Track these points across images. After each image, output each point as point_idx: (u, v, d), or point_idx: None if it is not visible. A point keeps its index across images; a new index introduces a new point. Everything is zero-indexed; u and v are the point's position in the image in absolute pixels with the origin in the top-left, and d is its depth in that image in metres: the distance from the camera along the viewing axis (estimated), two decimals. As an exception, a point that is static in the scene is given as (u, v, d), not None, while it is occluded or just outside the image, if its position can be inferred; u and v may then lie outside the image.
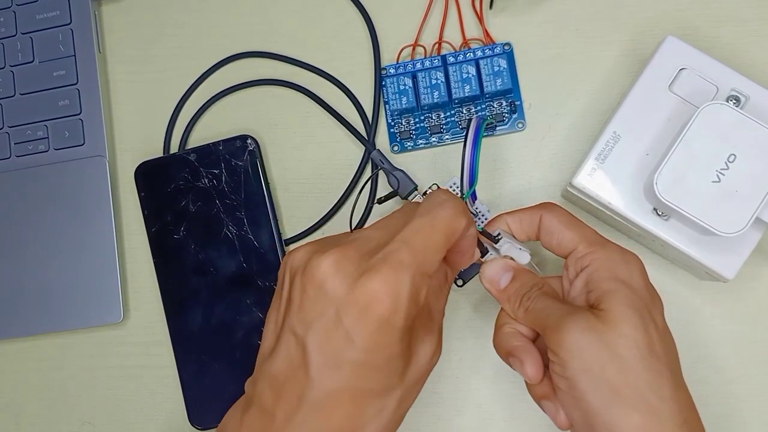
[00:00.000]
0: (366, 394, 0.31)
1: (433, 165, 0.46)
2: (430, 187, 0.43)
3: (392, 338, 0.31)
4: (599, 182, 0.39)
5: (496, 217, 0.40)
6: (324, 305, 0.31)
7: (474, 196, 0.40)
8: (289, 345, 0.32)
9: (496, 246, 0.38)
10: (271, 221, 0.46)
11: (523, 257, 0.38)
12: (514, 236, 0.39)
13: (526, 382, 0.37)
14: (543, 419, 0.44)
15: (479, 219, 0.44)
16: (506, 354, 0.37)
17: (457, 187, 0.44)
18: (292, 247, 0.47)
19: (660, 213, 0.39)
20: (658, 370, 0.33)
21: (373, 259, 0.31)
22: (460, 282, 0.44)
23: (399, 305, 0.30)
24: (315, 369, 0.31)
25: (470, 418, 0.44)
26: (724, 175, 0.36)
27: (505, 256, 0.38)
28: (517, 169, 0.46)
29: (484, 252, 0.39)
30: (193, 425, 0.46)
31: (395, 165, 0.45)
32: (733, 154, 0.36)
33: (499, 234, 0.39)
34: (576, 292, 0.36)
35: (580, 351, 0.32)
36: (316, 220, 0.47)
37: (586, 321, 0.33)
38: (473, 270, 0.43)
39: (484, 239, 0.39)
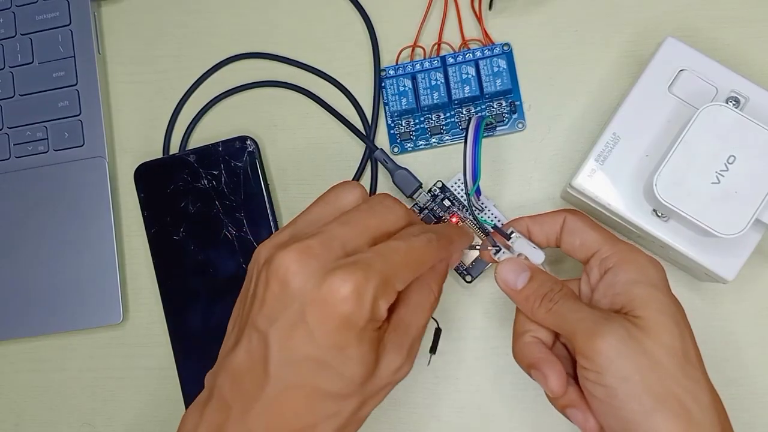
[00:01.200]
0: (321, 394, 0.31)
1: (433, 166, 0.46)
2: (435, 185, 0.43)
3: (351, 339, 0.31)
4: (599, 183, 0.39)
5: (516, 219, 0.39)
6: (287, 301, 0.31)
7: (479, 192, 0.40)
8: (251, 339, 0.32)
9: (509, 243, 0.38)
10: (271, 222, 0.46)
11: (537, 256, 0.38)
12: (530, 238, 0.39)
13: (548, 395, 0.37)
14: (543, 420, 0.44)
15: (485, 213, 0.43)
16: (528, 366, 0.36)
17: (462, 183, 0.44)
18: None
19: (659, 214, 0.39)
20: (696, 378, 0.33)
21: (343, 260, 0.31)
22: (468, 278, 0.44)
23: (362, 306, 0.30)
24: (274, 365, 0.31)
25: (470, 419, 0.44)
26: (723, 176, 0.36)
27: (519, 255, 0.38)
28: (516, 170, 0.46)
29: (496, 249, 0.38)
30: (192, 426, 0.46)
31: (398, 164, 0.45)
32: (733, 156, 0.36)
33: (512, 232, 0.38)
34: (600, 294, 0.36)
35: (620, 359, 0.32)
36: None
37: (624, 328, 0.33)
38: (482, 266, 0.43)
39: (497, 237, 0.39)
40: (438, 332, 0.42)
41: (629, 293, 0.34)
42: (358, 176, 0.47)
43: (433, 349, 0.43)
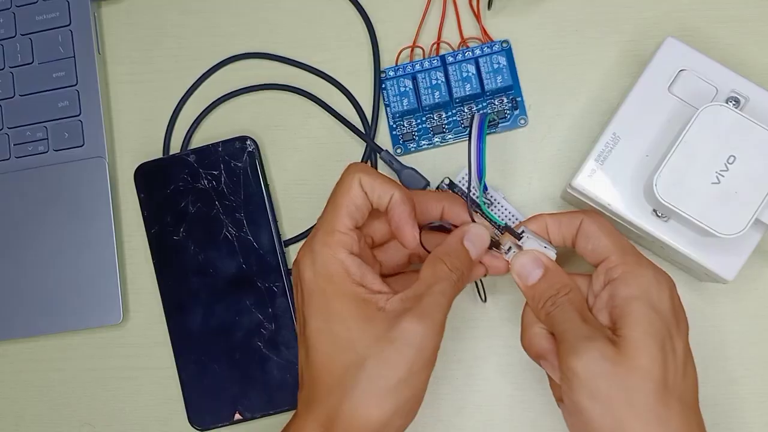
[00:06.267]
0: (331, 333, 0.35)
1: (435, 165, 0.46)
2: (442, 181, 0.43)
3: (339, 283, 0.35)
4: (599, 183, 0.39)
5: (536, 216, 0.39)
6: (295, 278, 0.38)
7: (484, 188, 0.40)
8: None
9: (519, 243, 0.38)
10: (271, 222, 0.46)
11: (548, 254, 0.37)
12: (548, 237, 0.38)
13: (550, 382, 0.37)
14: (543, 420, 0.44)
15: (495, 207, 0.43)
16: (537, 356, 0.37)
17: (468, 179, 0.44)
18: (292, 248, 0.48)
19: (660, 214, 0.39)
20: (669, 404, 0.32)
21: None
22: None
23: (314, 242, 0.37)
24: (304, 337, 0.36)
25: (470, 419, 0.44)
26: (723, 176, 0.36)
27: None
28: (516, 170, 0.46)
29: (507, 248, 0.38)
30: (193, 426, 0.46)
31: (404, 164, 0.45)
32: (733, 156, 0.36)
33: (522, 231, 0.38)
34: (601, 304, 0.36)
35: (588, 379, 0.32)
36: (316, 221, 0.47)
37: (599, 350, 0.33)
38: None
39: (509, 236, 0.38)
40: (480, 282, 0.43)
41: (624, 309, 0.34)
42: (358, 176, 0.47)
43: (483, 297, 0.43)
